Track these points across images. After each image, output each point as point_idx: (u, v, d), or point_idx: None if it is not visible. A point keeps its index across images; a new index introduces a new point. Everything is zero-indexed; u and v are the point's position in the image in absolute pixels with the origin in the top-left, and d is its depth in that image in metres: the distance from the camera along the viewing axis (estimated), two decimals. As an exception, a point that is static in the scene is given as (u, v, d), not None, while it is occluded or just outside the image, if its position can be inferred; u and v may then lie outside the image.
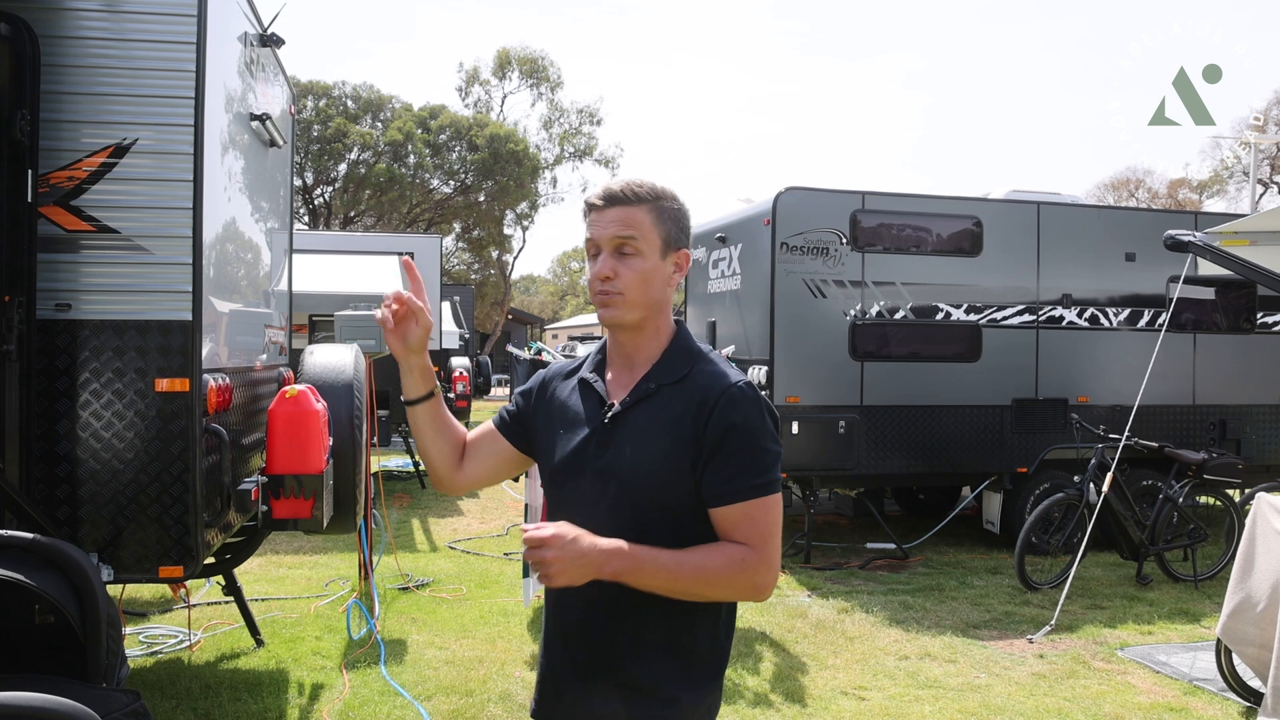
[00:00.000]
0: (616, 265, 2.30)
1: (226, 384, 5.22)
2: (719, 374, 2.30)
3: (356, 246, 16.75)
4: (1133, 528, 9.16)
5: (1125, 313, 10.77)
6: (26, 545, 3.48)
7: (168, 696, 5.91)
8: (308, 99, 37.95)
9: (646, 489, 2.25)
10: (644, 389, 2.32)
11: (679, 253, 2.38)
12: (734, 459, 2.21)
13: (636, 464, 2.26)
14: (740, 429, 2.22)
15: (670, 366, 2.34)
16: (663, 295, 2.36)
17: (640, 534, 2.20)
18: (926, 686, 6.42)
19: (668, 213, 2.35)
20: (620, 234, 2.30)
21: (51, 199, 4.62)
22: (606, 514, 2.24)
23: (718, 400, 2.24)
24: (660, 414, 2.28)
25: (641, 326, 2.36)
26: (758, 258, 10.18)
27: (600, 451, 2.31)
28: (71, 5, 4.69)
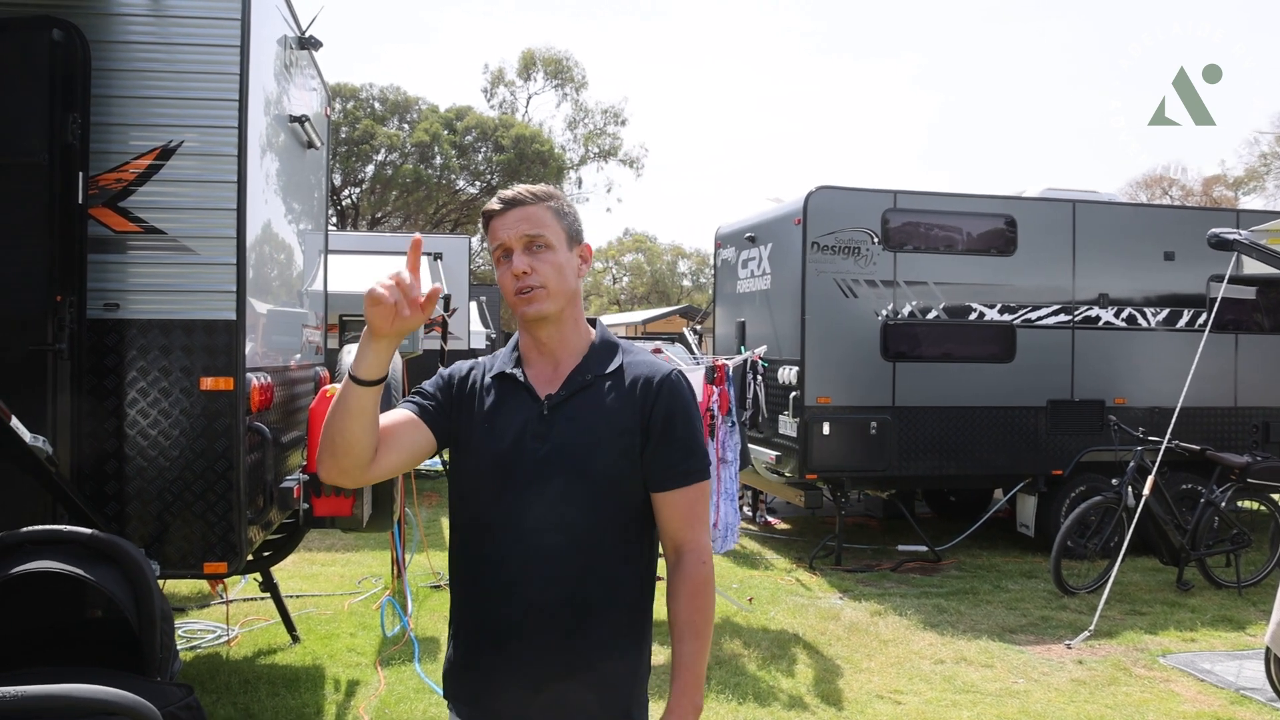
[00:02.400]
0: (531, 261, 2.37)
1: (268, 383, 5.29)
2: (652, 364, 2.45)
3: (385, 247, 16.83)
4: (1173, 532, 9.02)
5: (1164, 312, 10.65)
6: (85, 540, 3.54)
7: (208, 691, 5.97)
8: (335, 101, 38.10)
9: (599, 475, 2.33)
10: (579, 380, 2.41)
11: (582, 246, 2.50)
12: (677, 446, 2.38)
13: (587, 452, 2.34)
14: (681, 416, 2.39)
15: (601, 359, 2.44)
16: (575, 286, 2.45)
17: (593, 518, 2.34)
18: (963, 691, 6.38)
19: (563, 211, 2.45)
20: (529, 231, 2.38)
21: (100, 200, 4.70)
22: (554, 503, 2.32)
23: (659, 389, 2.38)
24: (600, 403, 2.38)
25: (561, 319, 2.43)
26: (788, 257, 10.18)
27: (539, 444, 2.35)
28: (120, 10, 4.77)
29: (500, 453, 2.38)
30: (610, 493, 2.35)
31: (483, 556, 2.40)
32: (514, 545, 2.35)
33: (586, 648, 2.34)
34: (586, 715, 2.37)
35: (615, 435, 2.35)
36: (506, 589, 2.36)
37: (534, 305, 2.37)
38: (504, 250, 2.39)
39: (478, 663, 2.42)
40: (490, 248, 2.44)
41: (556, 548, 2.33)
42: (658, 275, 65.20)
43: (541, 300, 2.37)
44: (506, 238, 2.38)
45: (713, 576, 2.41)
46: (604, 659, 2.36)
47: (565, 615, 2.33)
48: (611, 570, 2.37)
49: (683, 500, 2.39)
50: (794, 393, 9.81)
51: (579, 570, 2.33)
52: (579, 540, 2.34)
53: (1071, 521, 8.80)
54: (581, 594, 2.33)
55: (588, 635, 2.34)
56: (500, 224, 2.39)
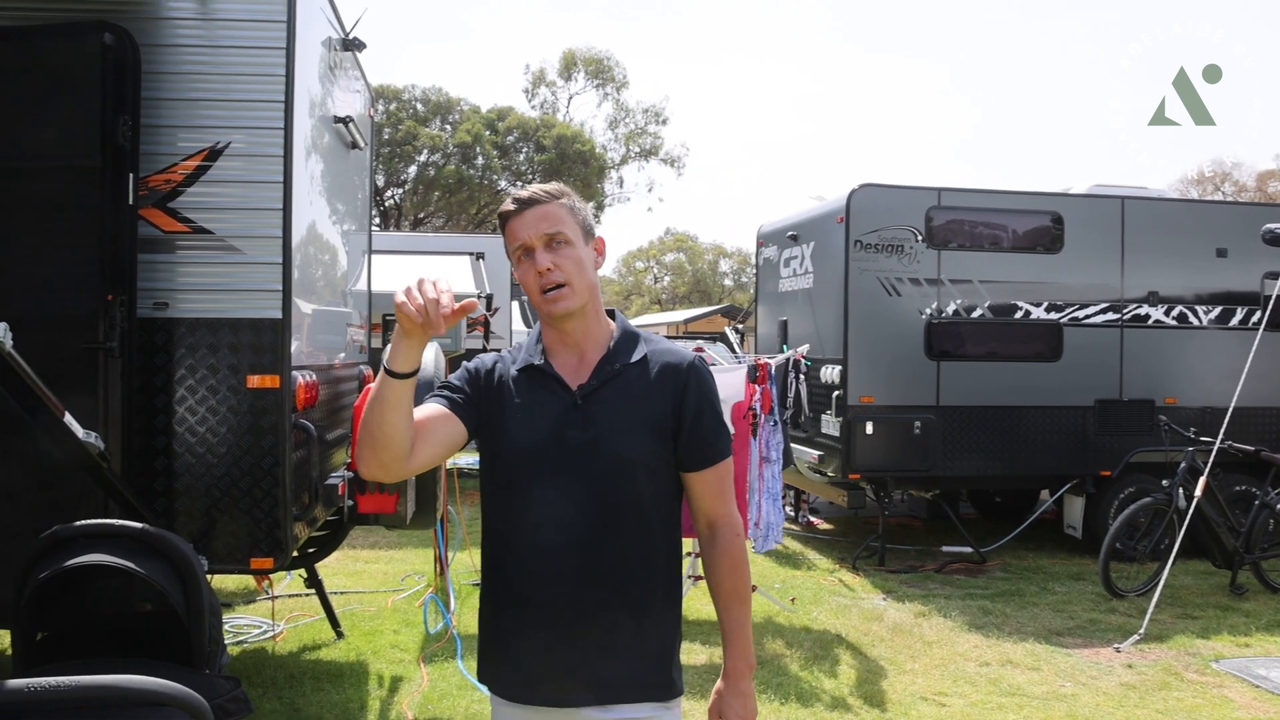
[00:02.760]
0: (554, 258, 2.43)
1: (313, 381, 5.35)
2: (675, 351, 2.55)
3: (428, 247, 16.94)
4: (1226, 535, 8.87)
5: (1216, 311, 10.48)
6: (136, 535, 3.61)
7: (254, 685, 6.04)
8: (378, 102, 38.33)
9: (635, 460, 2.43)
10: (608, 370, 2.48)
11: (596, 240, 2.56)
12: (707, 427, 2.50)
13: (622, 438, 2.43)
14: (709, 399, 2.52)
15: (626, 349, 2.52)
16: (594, 279, 2.52)
17: (629, 500, 2.44)
18: (1009, 694, 6.31)
19: (575, 207, 2.52)
20: (549, 229, 2.44)
21: (150, 201, 4.78)
22: (592, 489, 2.41)
23: (688, 375, 2.50)
24: (631, 392, 2.47)
25: (585, 312, 2.49)
26: (831, 256, 10.13)
27: (576, 432, 2.43)
28: (169, 14, 4.86)
29: (537, 443, 2.44)
30: (645, 475, 2.45)
31: (523, 542, 2.47)
32: (554, 529, 2.42)
33: (625, 621, 2.43)
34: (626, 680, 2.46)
35: (649, 421, 2.45)
36: (549, 571, 2.43)
37: (561, 303, 2.44)
38: (525, 250, 2.46)
39: (521, 645, 2.48)
40: (509, 248, 2.50)
41: (595, 529, 2.42)
42: (699, 274, 65.15)
43: (568, 298, 2.44)
44: (527, 237, 2.44)
45: (745, 546, 2.56)
46: (641, 631, 2.46)
47: (605, 592, 2.42)
48: (647, 547, 2.48)
49: (714, 478, 2.52)
50: (837, 392, 9.78)
51: (617, 549, 2.43)
52: (616, 521, 2.43)
53: (1121, 523, 8.66)
54: (620, 571, 2.43)
55: (625, 608, 2.44)
56: (519, 224, 2.45)
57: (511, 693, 2.51)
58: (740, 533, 2.54)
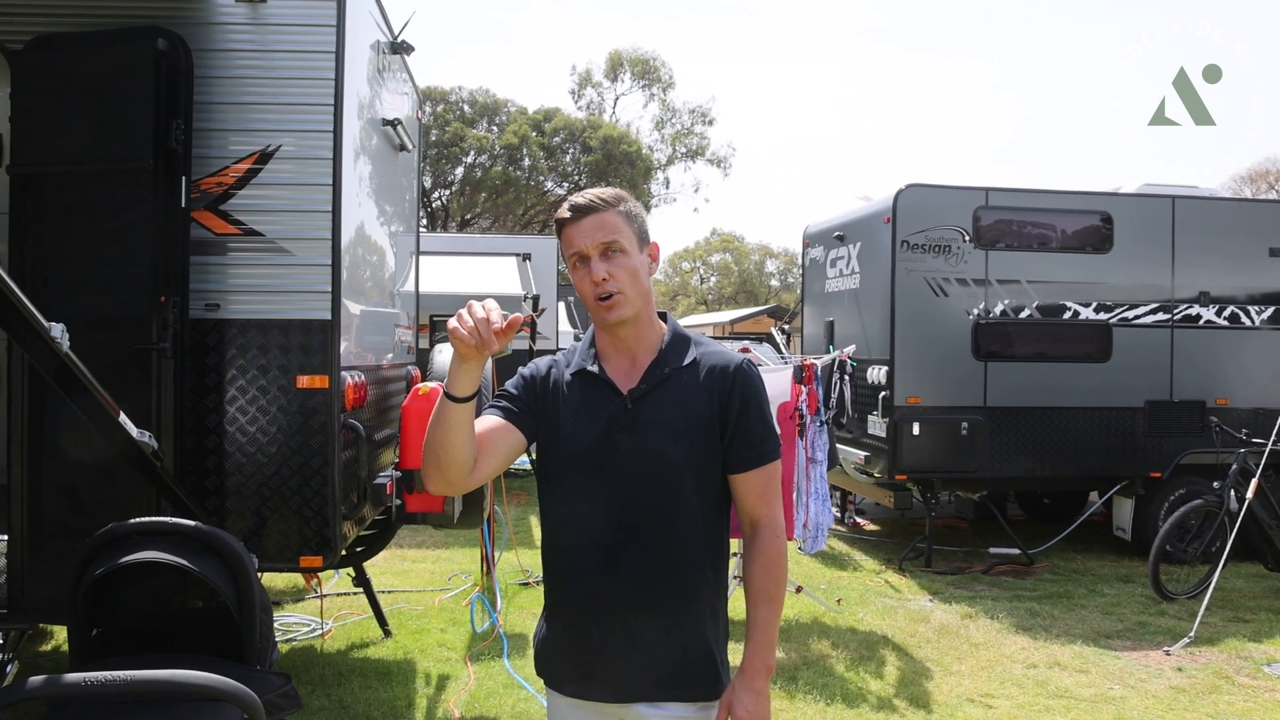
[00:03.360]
0: (609, 268, 2.46)
1: (362, 381, 5.40)
2: (724, 354, 2.58)
3: (474, 248, 17.01)
4: (1279, 537, 8.76)
5: (1269, 311, 10.35)
6: (189, 532, 3.66)
7: (303, 683, 6.10)
8: (425, 104, 38.56)
9: (683, 463, 2.47)
10: (658, 374, 2.52)
11: (650, 246, 2.58)
12: (754, 429, 2.52)
13: (669, 441, 2.47)
14: (755, 402, 2.53)
15: (677, 352, 2.56)
16: (648, 286, 2.55)
17: (678, 501, 2.48)
18: (1057, 696, 6.26)
19: (632, 213, 2.54)
20: (604, 239, 2.46)
21: (202, 204, 4.85)
22: (643, 491, 2.47)
23: (735, 378, 2.52)
24: (680, 395, 2.51)
25: (638, 319, 2.54)
26: (877, 256, 10.09)
27: (626, 435, 2.48)
28: (221, 19, 4.92)
29: (589, 445, 2.50)
30: (694, 477, 2.49)
31: (575, 542, 2.54)
32: (605, 530, 2.48)
33: (664, 621, 2.48)
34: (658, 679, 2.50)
35: (697, 424, 2.48)
36: (599, 570, 2.49)
37: (614, 312, 2.47)
38: (580, 257, 2.49)
39: (575, 639, 2.56)
40: (565, 254, 2.54)
41: (643, 531, 2.46)
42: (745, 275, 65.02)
43: (621, 306, 2.47)
44: (583, 245, 2.47)
45: (786, 549, 2.57)
46: (681, 631, 2.50)
47: (652, 589, 2.47)
48: (693, 549, 2.51)
49: (759, 480, 2.53)
50: (883, 393, 9.73)
51: (663, 550, 2.47)
52: (663, 523, 2.47)
53: (1171, 525, 8.56)
54: (667, 571, 2.48)
55: (672, 607, 2.49)
56: (575, 231, 2.48)
57: (554, 681, 2.64)
58: (780, 535, 2.55)
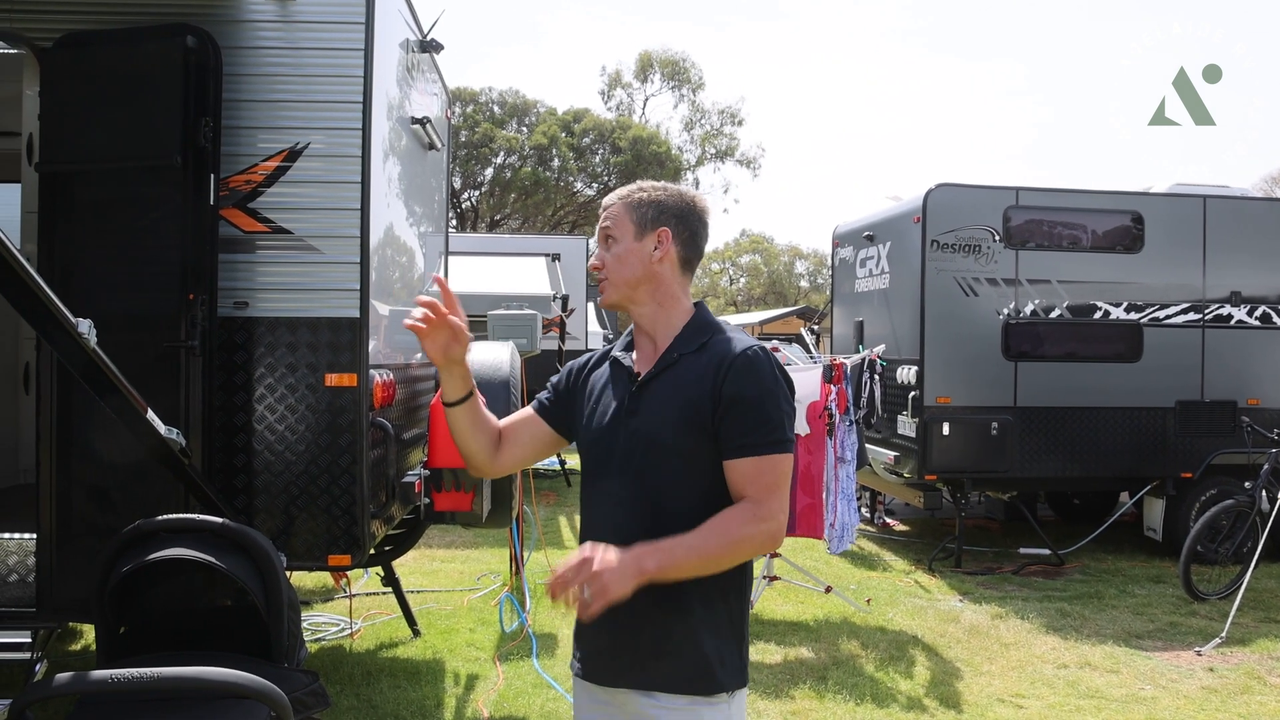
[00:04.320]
0: (602, 254, 2.62)
1: (390, 380, 5.39)
2: (734, 340, 2.54)
3: (504, 248, 17.04)
4: (1311, 538, 8.70)
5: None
6: (217, 530, 3.66)
7: (331, 682, 6.11)
8: (455, 105, 38.63)
9: (672, 447, 2.47)
10: (668, 359, 2.56)
11: (657, 231, 2.59)
12: (746, 417, 2.45)
13: (662, 424, 2.49)
14: (751, 390, 2.46)
15: (690, 338, 2.57)
16: (645, 271, 2.58)
17: (672, 490, 2.47)
18: (1087, 697, 6.22)
19: (635, 203, 2.61)
20: (602, 228, 2.63)
21: (231, 202, 4.84)
22: (639, 474, 2.48)
23: (731, 364, 2.47)
24: (681, 379, 2.52)
25: (637, 301, 2.61)
26: (907, 256, 10.04)
27: (630, 418, 2.53)
28: (250, 17, 4.91)
29: (601, 430, 2.59)
30: (684, 464, 2.47)
31: (590, 526, 2.61)
32: (609, 514, 2.53)
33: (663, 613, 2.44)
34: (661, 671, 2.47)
35: (687, 409, 2.47)
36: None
37: (602, 296, 2.63)
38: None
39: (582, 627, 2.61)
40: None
41: (643, 515, 2.46)
42: (775, 276, 64.88)
43: (605, 290, 2.61)
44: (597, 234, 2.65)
45: (758, 530, 2.38)
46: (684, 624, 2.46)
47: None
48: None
49: (750, 469, 2.43)
50: (913, 392, 9.68)
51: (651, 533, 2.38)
52: (657, 509, 2.46)
53: (1202, 525, 8.52)
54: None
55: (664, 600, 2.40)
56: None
57: (584, 670, 2.63)
58: (766, 520, 2.38)
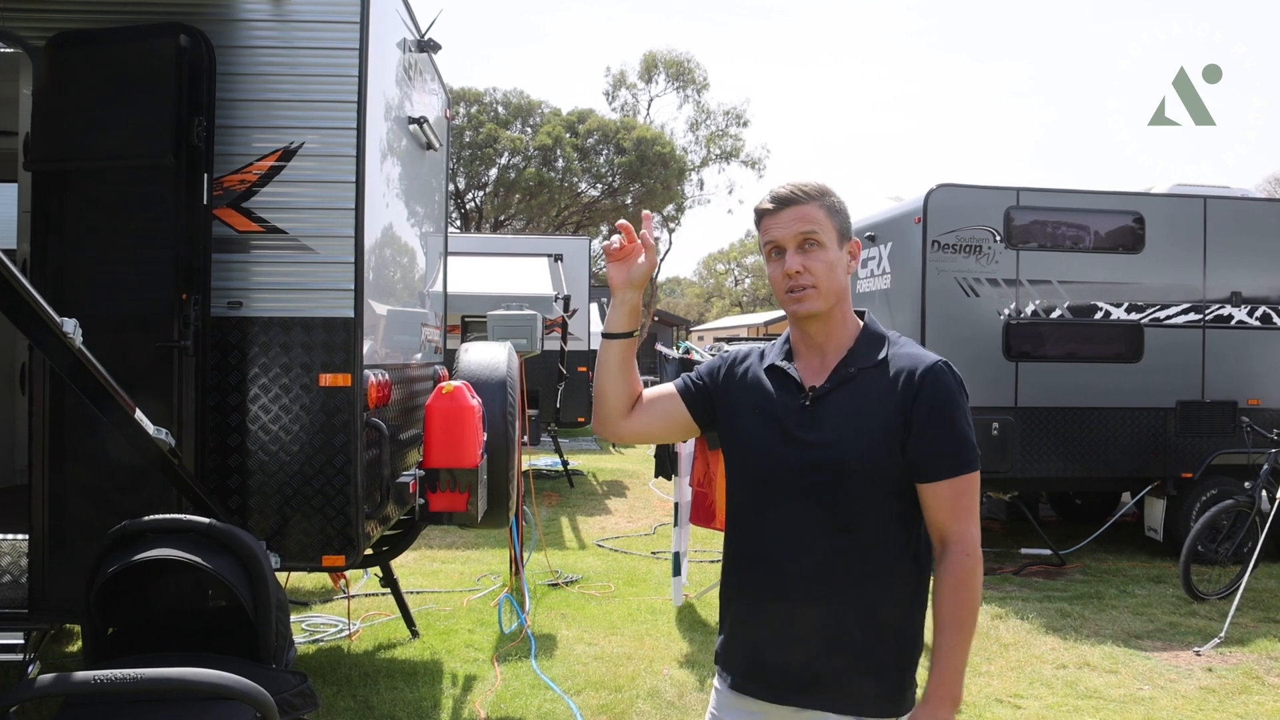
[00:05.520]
0: (804, 260, 2.45)
1: (386, 380, 5.37)
2: (918, 354, 2.46)
3: (507, 249, 17.06)
4: (1310, 537, 8.70)
5: None
6: (204, 530, 3.64)
7: (329, 683, 6.10)
8: (459, 105, 38.67)
9: (859, 467, 2.39)
10: (843, 374, 2.47)
11: (851, 243, 2.54)
12: (942, 436, 2.38)
13: (848, 445, 2.40)
14: (946, 406, 2.39)
15: (866, 352, 2.49)
16: (844, 283, 2.51)
17: (853, 508, 2.40)
18: (1086, 697, 6.20)
19: (835, 207, 2.51)
20: (803, 230, 2.45)
21: (224, 201, 4.83)
22: (815, 491, 2.41)
23: (923, 379, 2.39)
24: (864, 396, 2.43)
25: (830, 315, 2.50)
26: (908, 256, 10.01)
27: (803, 433, 2.44)
28: (244, 16, 4.90)
29: (764, 439, 2.50)
30: (868, 483, 2.40)
31: (748, 537, 2.54)
32: (778, 528, 2.47)
33: (851, 627, 2.41)
34: (840, 689, 2.44)
35: (877, 427, 2.40)
36: (772, 567, 2.47)
37: (805, 304, 2.47)
38: (775, 248, 2.51)
39: (748, 633, 2.55)
40: (761, 243, 2.56)
41: (813, 534, 2.42)
42: (779, 277, 64.80)
43: (812, 300, 2.46)
44: (780, 236, 2.48)
45: (979, 570, 2.41)
46: (871, 642, 2.43)
47: (820, 597, 2.41)
48: (868, 557, 2.42)
49: (948, 491, 2.39)
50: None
51: (835, 556, 2.41)
52: (835, 529, 2.41)
53: (1202, 525, 8.52)
54: (837, 577, 2.41)
55: (852, 616, 2.41)
56: (773, 222, 2.50)
57: (740, 684, 2.56)
58: (972, 553, 2.39)
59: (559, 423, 15.25)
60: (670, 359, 8.11)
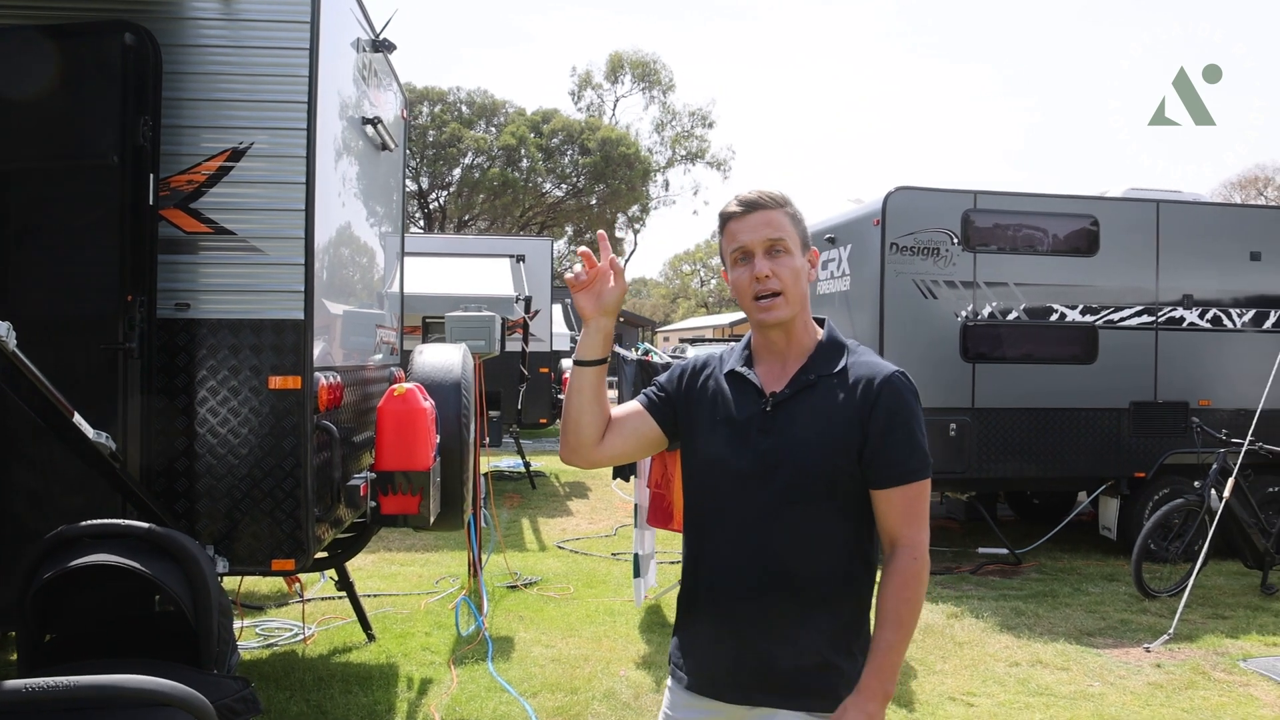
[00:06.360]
0: (773, 265, 2.48)
1: (337, 382, 5.33)
2: (876, 364, 2.50)
3: (468, 249, 16.99)
4: (1257, 536, 8.85)
5: (1250, 314, 10.35)
6: (143, 534, 3.60)
7: (282, 688, 6.04)
8: (423, 105, 38.55)
9: (816, 473, 2.42)
10: (803, 380, 2.50)
11: (811, 251, 2.58)
12: (897, 445, 2.42)
13: (805, 450, 2.43)
14: (902, 416, 2.43)
15: (826, 359, 2.53)
16: (807, 291, 2.56)
17: (808, 512, 2.43)
18: (1037, 694, 6.26)
19: (797, 216, 2.55)
20: (771, 236, 2.48)
21: (172, 202, 4.77)
22: (773, 495, 2.44)
23: (881, 389, 2.43)
24: (822, 403, 2.46)
25: (794, 323, 2.53)
26: (867, 258, 10.04)
27: (762, 438, 2.47)
28: (192, 14, 4.85)
29: (724, 445, 2.52)
30: (830, 488, 2.44)
31: (707, 540, 2.57)
32: (734, 533, 2.49)
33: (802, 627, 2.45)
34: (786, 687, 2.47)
35: (835, 434, 2.43)
36: (728, 568, 2.50)
37: (773, 313, 2.49)
38: (743, 253, 2.52)
39: (701, 634, 2.58)
40: (726, 249, 2.57)
41: (774, 536, 2.45)
42: (745, 278, 64.98)
43: (780, 308, 2.49)
44: (747, 240, 2.50)
45: (925, 573, 2.45)
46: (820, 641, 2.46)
47: (775, 597, 2.45)
48: (825, 561, 2.46)
49: (900, 498, 2.43)
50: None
51: (791, 560, 2.44)
52: (792, 533, 2.44)
53: (1153, 524, 8.64)
54: (791, 580, 2.44)
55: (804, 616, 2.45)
56: (741, 226, 2.52)
57: (695, 684, 2.58)
58: (919, 558, 2.43)
59: (521, 424, 15.20)
60: (629, 360, 8.08)
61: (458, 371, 6.31)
